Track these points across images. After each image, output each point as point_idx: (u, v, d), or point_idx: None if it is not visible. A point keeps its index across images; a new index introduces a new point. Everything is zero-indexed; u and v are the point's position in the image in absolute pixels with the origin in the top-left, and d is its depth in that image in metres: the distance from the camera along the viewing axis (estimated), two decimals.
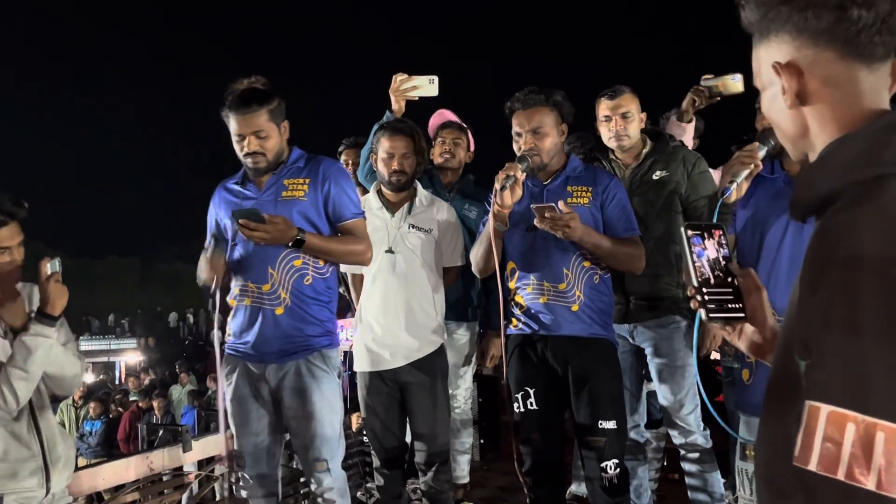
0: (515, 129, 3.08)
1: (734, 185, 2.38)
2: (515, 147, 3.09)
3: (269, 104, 2.85)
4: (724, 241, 1.38)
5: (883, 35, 1.02)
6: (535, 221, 2.92)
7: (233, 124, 2.86)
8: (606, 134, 3.43)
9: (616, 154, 3.47)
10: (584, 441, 3.04)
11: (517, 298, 3.11)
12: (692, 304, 1.35)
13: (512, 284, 3.12)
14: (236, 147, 2.88)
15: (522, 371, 3.12)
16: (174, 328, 30.17)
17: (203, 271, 2.95)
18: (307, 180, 2.91)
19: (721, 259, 1.36)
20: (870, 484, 0.82)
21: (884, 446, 0.82)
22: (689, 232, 1.36)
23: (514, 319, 3.14)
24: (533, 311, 3.07)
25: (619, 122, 3.37)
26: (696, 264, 1.34)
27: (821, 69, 1.05)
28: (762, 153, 2.44)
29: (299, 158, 2.98)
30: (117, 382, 18.82)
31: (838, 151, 1.01)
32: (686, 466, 3.44)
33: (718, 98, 3.66)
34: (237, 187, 3.00)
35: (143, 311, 36.83)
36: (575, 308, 3.02)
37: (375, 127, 3.56)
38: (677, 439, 3.43)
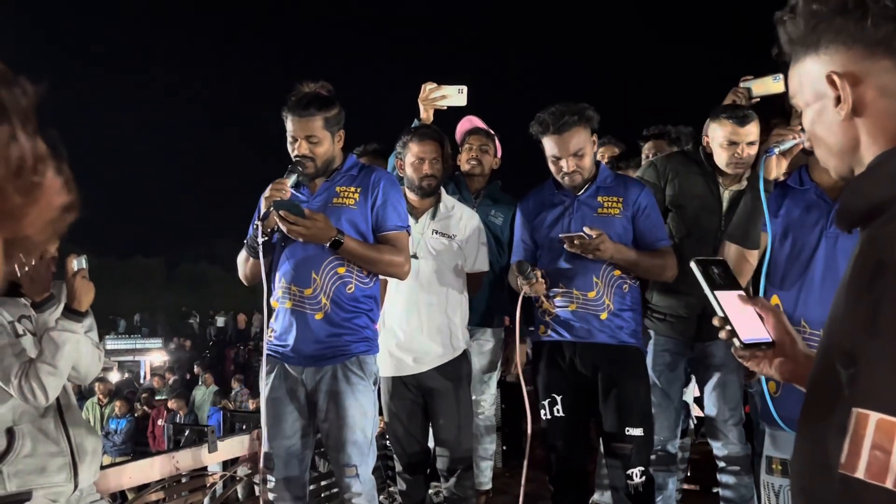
0: (553, 153, 3.06)
1: (778, 149, 2.35)
2: (555, 169, 3.09)
3: (328, 111, 2.87)
4: (732, 273, 1.41)
5: None
6: (566, 246, 2.97)
7: (289, 125, 2.89)
8: (727, 159, 3.25)
9: (719, 172, 3.34)
10: (610, 448, 3.06)
11: (546, 305, 3.13)
12: (721, 335, 1.35)
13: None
14: (289, 147, 2.92)
15: (550, 378, 3.14)
16: (199, 330, 30.37)
17: (243, 266, 2.99)
18: (359, 189, 2.93)
19: (735, 288, 1.38)
20: None
21: None
22: (700, 266, 1.39)
23: (542, 326, 3.15)
24: (562, 319, 3.09)
25: (746, 150, 3.22)
26: (716, 295, 1.35)
27: (877, 79, 1.04)
28: (805, 137, 2.41)
29: (353, 167, 3.00)
30: (142, 381, 18.98)
31: (890, 162, 1.00)
32: (723, 478, 3.42)
33: (758, 99, 3.61)
34: (290, 189, 3.01)
35: (167, 312, 37.14)
36: (604, 316, 3.03)
37: (403, 134, 3.57)
38: (720, 451, 3.42)
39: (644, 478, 3.01)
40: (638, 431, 3.00)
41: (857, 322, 0.91)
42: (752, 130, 3.24)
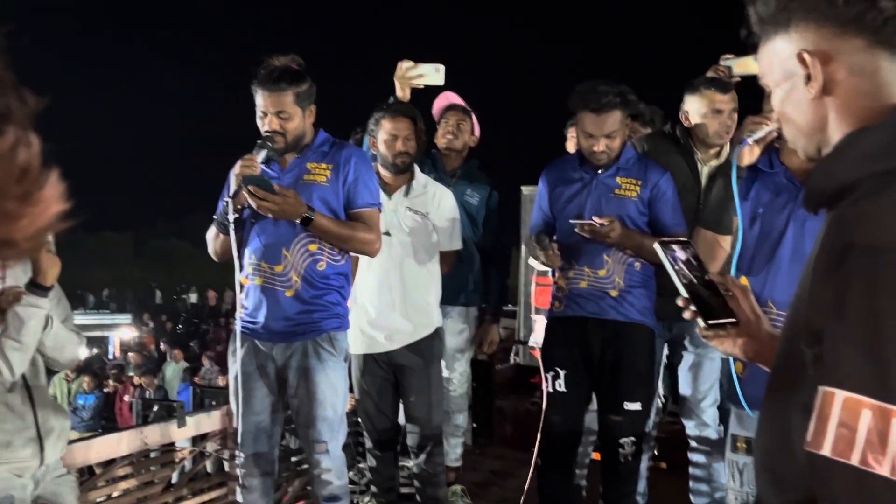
0: (587, 130, 3.06)
1: (752, 138, 2.37)
2: (585, 146, 3.10)
3: (299, 86, 2.82)
4: (696, 253, 1.41)
5: None
6: (576, 230, 3.01)
7: (259, 99, 2.85)
8: (714, 128, 3.26)
9: (697, 148, 3.37)
10: (604, 419, 3.13)
11: (559, 282, 3.18)
12: (686, 315, 1.36)
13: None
14: (258, 122, 2.88)
15: (556, 352, 3.19)
16: (163, 304, 30.17)
17: (212, 243, 2.97)
18: (330, 166, 2.91)
19: (700, 269, 1.39)
20: (884, 470, 0.83)
21: None
22: (665, 247, 1.39)
23: (556, 302, 3.21)
24: (574, 295, 3.13)
25: (731, 117, 3.24)
26: (680, 276, 1.36)
27: (848, 58, 1.04)
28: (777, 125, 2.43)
29: (324, 143, 2.96)
30: (111, 357, 18.82)
31: (859, 142, 1.00)
32: (694, 457, 3.48)
33: (738, 79, 3.62)
34: (260, 165, 2.98)
35: (136, 288, 36.84)
36: (614, 294, 3.08)
37: (375, 111, 3.54)
38: (692, 431, 3.47)
39: (634, 448, 3.08)
40: (636, 406, 3.07)
41: (823, 302, 0.92)
42: (734, 97, 3.26)
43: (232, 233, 2.80)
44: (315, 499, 3.00)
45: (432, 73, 3.71)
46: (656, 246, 1.40)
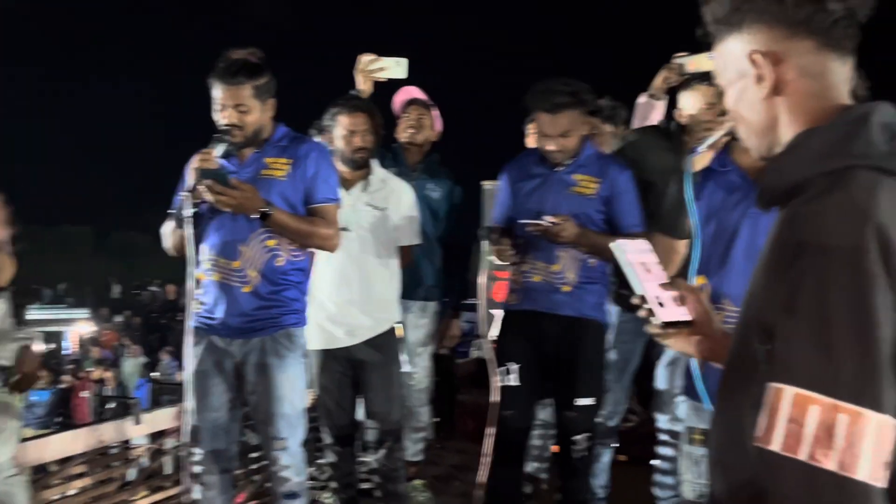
0: (541, 129, 3.07)
1: (702, 147, 2.41)
2: (542, 144, 3.10)
3: (257, 79, 2.79)
4: (652, 252, 1.42)
5: (853, 28, 1.05)
6: (527, 229, 3.03)
7: (216, 92, 2.81)
8: (710, 116, 3.27)
9: (689, 139, 3.38)
10: (559, 414, 3.17)
11: (514, 275, 3.20)
12: (641, 314, 1.37)
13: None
14: (215, 115, 2.83)
15: (511, 346, 3.21)
16: (122, 299, 29.69)
17: (169, 237, 2.93)
18: (290, 161, 2.88)
19: (655, 269, 1.40)
20: (831, 464, 0.85)
21: (846, 428, 0.85)
22: (621, 247, 1.41)
23: (511, 294, 3.23)
24: (528, 289, 3.15)
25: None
26: (636, 275, 1.37)
27: (798, 59, 1.07)
28: (728, 126, 2.46)
29: (283, 137, 2.94)
30: (67, 352, 18.49)
31: (810, 141, 1.03)
32: (662, 451, 3.51)
33: (688, 76, 3.64)
34: (218, 159, 2.94)
35: (95, 282, 36.21)
36: (567, 289, 3.10)
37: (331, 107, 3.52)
38: (664, 424, 3.49)
39: (588, 443, 3.12)
40: (588, 401, 3.10)
41: (775, 299, 0.94)
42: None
43: (187, 227, 2.76)
44: (274, 495, 2.98)
45: (394, 67, 3.72)
46: (612, 246, 1.42)
